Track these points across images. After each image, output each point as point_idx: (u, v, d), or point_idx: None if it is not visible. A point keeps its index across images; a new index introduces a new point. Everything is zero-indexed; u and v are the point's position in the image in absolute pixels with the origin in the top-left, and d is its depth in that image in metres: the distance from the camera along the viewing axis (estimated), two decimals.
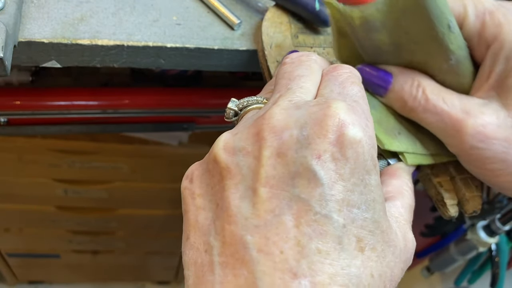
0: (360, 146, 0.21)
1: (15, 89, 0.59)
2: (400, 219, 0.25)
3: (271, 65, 0.37)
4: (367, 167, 0.22)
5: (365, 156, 0.22)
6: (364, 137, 0.22)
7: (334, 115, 0.22)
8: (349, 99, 0.24)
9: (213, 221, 0.22)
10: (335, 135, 0.21)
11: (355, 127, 0.22)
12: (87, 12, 0.40)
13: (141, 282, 1.36)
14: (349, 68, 0.26)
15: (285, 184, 0.21)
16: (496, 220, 0.80)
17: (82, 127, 0.63)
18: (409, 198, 0.28)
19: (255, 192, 0.21)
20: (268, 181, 0.21)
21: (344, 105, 0.22)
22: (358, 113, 0.23)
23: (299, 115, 0.22)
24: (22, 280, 1.26)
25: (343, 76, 0.25)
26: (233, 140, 0.23)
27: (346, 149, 0.21)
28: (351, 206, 0.21)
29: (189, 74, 0.65)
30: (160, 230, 1.06)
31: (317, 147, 0.21)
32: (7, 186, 0.85)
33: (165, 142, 0.78)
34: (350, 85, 0.25)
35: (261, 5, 0.44)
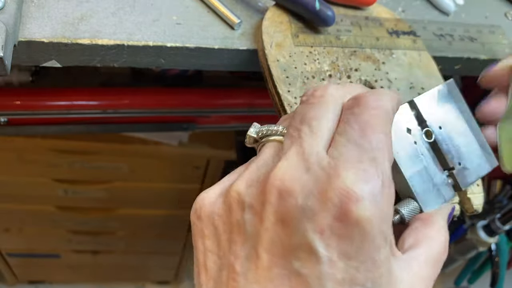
0: (368, 224, 0.20)
1: (15, 89, 0.59)
2: (416, 277, 0.23)
3: (272, 65, 0.37)
4: (376, 244, 0.20)
5: (374, 233, 0.20)
6: (373, 213, 0.20)
7: (341, 187, 0.20)
8: (366, 155, 0.21)
9: (220, 269, 0.22)
10: (341, 210, 0.20)
11: (363, 202, 0.20)
12: (87, 11, 0.40)
13: (141, 282, 1.36)
14: (375, 99, 0.23)
15: (287, 254, 0.20)
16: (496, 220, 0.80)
17: (82, 127, 0.63)
18: (438, 248, 0.25)
19: (258, 256, 0.21)
20: (271, 248, 0.21)
21: (355, 174, 0.20)
22: (371, 179, 0.21)
23: (306, 179, 0.21)
24: (22, 280, 1.26)
25: (365, 116, 0.22)
26: (246, 194, 0.23)
27: (352, 227, 0.20)
28: (354, 284, 0.20)
29: (189, 74, 0.65)
30: (160, 230, 1.06)
31: (320, 220, 0.20)
32: (7, 186, 0.85)
33: (165, 142, 0.78)
34: (372, 133, 0.22)
35: (261, 4, 0.44)
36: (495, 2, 0.55)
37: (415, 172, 0.28)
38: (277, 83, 0.36)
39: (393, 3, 0.49)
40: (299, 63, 0.38)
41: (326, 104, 0.24)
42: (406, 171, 0.27)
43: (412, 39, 0.43)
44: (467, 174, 0.30)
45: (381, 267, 0.20)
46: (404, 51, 0.42)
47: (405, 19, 0.46)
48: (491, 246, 0.84)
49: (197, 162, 0.84)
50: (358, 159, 0.21)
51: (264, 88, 0.39)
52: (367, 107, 0.23)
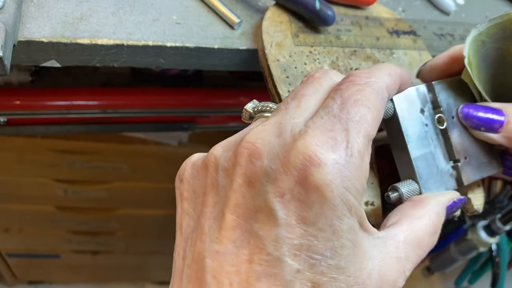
0: (329, 190, 0.20)
1: (14, 89, 0.59)
2: (389, 256, 0.22)
3: (272, 64, 0.37)
4: (337, 212, 0.20)
5: (334, 200, 0.20)
6: (334, 180, 0.20)
7: (304, 151, 0.20)
8: (340, 125, 0.21)
9: (192, 231, 0.23)
10: (302, 175, 0.20)
11: (324, 168, 0.20)
12: (87, 11, 0.39)
13: (141, 282, 1.36)
14: (366, 75, 0.23)
15: (249, 216, 0.20)
16: (496, 220, 0.79)
17: (82, 127, 0.63)
18: (422, 229, 0.24)
19: (223, 217, 0.21)
20: (236, 209, 0.21)
21: (318, 139, 0.20)
22: (338, 147, 0.20)
23: (275, 144, 0.21)
24: (21, 280, 1.25)
25: (350, 90, 0.22)
26: (221, 157, 0.23)
27: (311, 192, 0.20)
28: (312, 252, 0.19)
29: (189, 74, 0.65)
30: (160, 230, 1.06)
31: (281, 184, 0.20)
32: (7, 186, 0.85)
33: (165, 142, 0.78)
34: (352, 104, 0.22)
35: (261, 4, 0.44)
36: (495, 1, 0.55)
37: (421, 154, 0.27)
38: (277, 83, 0.36)
39: (394, 3, 0.49)
40: (299, 63, 0.38)
41: (320, 84, 0.24)
42: (413, 151, 0.27)
43: (412, 38, 0.43)
44: (471, 170, 0.29)
45: (342, 237, 0.20)
46: (404, 51, 0.42)
47: (405, 19, 0.46)
48: (492, 247, 0.84)
49: None
50: (330, 128, 0.21)
51: (264, 88, 0.38)
52: (355, 82, 0.23)
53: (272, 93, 0.37)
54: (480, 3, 0.53)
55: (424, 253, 0.24)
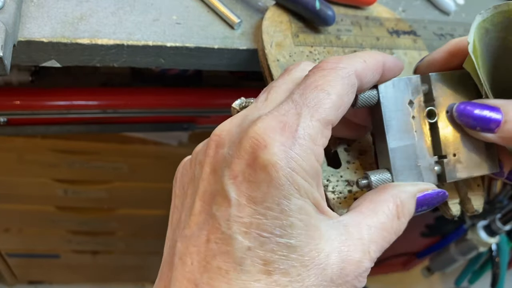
0: (274, 170, 0.20)
1: (14, 89, 0.59)
2: (351, 237, 0.23)
3: (272, 64, 0.37)
4: (284, 192, 0.21)
5: (280, 180, 0.20)
6: (280, 160, 0.21)
7: (253, 135, 0.21)
8: (294, 110, 0.22)
9: (176, 223, 0.25)
10: (251, 157, 0.21)
11: (270, 148, 0.21)
12: (87, 11, 0.39)
13: (141, 282, 1.36)
14: (334, 61, 0.24)
15: (211, 200, 0.22)
16: (496, 220, 0.80)
17: (82, 127, 0.63)
18: (383, 214, 0.24)
19: (193, 204, 0.23)
20: (203, 195, 0.22)
21: (267, 123, 0.21)
22: (286, 130, 0.21)
23: (235, 132, 0.23)
24: (21, 280, 1.25)
25: (314, 76, 0.23)
26: (199, 151, 0.25)
27: (259, 172, 0.21)
28: (261, 230, 0.20)
29: (189, 74, 0.65)
30: (160, 230, 1.06)
31: (235, 167, 0.21)
32: (7, 186, 0.85)
33: (165, 142, 0.78)
34: (312, 90, 0.22)
35: (261, 4, 0.44)
36: (495, 1, 0.55)
37: (400, 145, 0.27)
38: None
39: (394, 3, 0.49)
40: None
41: (290, 75, 0.25)
42: (391, 142, 0.27)
43: (412, 38, 0.43)
44: (459, 168, 0.28)
45: (291, 216, 0.21)
46: (404, 51, 0.42)
47: (405, 19, 0.46)
48: (492, 246, 0.84)
49: None
50: (283, 113, 0.22)
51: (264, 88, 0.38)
52: (321, 68, 0.23)
53: None
54: (480, 3, 0.53)
55: (390, 235, 0.24)
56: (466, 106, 0.27)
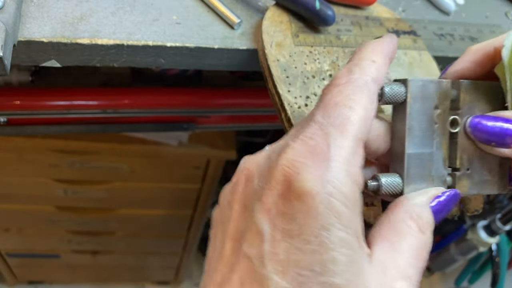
0: (309, 198, 0.18)
1: (14, 89, 0.59)
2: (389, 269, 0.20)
3: (272, 64, 0.37)
4: (323, 221, 0.18)
5: (318, 209, 0.18)
6: (315, 186, 0.19)
7: (283, 163, 0.19)
8: (321, 131, 0.20)
9: (208, 269, 0.23)
10: (283, 187, 0.19)
11: (303, 175, 0.19)
12: (87, 11, 0.39)
13: (141, 282, 1.36)
14: (345, 73, 0.22)
15: (242, 238, 0.20)
16: (496, 220, 0.80)
17: (82, 127, 0.63)
18: (409, 237, 0.22)
19: (223, 246, 0.21)
20: (234, 235, 0.21)
21: (296, 149, 0.20)
22: (318, 153, 0.19)
23: (263, 163, 0.21)
24: (21, 280, 1.25)
25: (331, 93, 0.21)
26: (227, 191, 0.23)
27: (293, 202, 0.19)
28: (300, 268, 0.18)
29: (189, 74, 0.65)
30: (160, 230, 1.06)
31: (266, 200, 0.20)
32: (7, 186, 0.85)
33: (165, 142, 0.78)
34: (333, 108, 0.21)
35: (261, 4, 0.44)
36: (496, 1, 0.55)
37: (418, 152, 0.25)
38: (277, 83, 0.36)
39: (394, 3, 0.49)
40: (299, 62, 0.38)
41: None
42: (409, 146, 0.25)
43: (412, 38, 0.43)
44: (470, 184, 0.27)
45: (333, 250, 0.18)
46: (404, 50, 0.42)
47: (405, 19, 0.46)
48: (492, 246, 0.84)
49: (197, 162, 0.84)
50: (310, 136, 0.20)
51: (264, 88, 0.38)
52: (335, 84, 0.22)
53: (272, 93, 0.37)
54: (480, 3, 0.53)
55: (422, 253, 0.22)
56: (481, 120, 0.25)
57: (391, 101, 0.25)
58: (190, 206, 0.97)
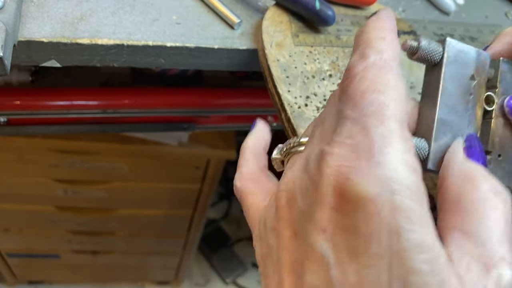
0: (369, 203, 0.16)
1: (14, 89, 0.59)
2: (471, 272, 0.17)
3: (272, 64, 0.37)
4: (391, 227, 0.15)
5: (381, 214, 0.15)
6: (372, 189, 0.16)
7: (329, 172, 0.17)
8: (357, 126, 0.17)
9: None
10: (335, 199, 0.17)
11: (354, 179, 0.16)
12: (87, 11, 0.39)
13: (141, 282, 1.36)
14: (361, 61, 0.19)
15: (301, 269, 0.17)
16: None
17: (82, 127, 0.63)
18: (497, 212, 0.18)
19: (281, 281, 0.18)
20: (290, 267, 0.18)
21: (337, 154, 0.17)
22: (362, 150, 0.17)
23: (303, 178, 0.18)
24: (21, 280, 1.25)
25: (352, 84, 0.18)
26: (266, 217, 0.21)
27: (351, 213, 0.16)
28: (377, 287, 0.15)
29: (189, 74, 0.65)
30: (160, 230, 1.06)
31: (319, 218, 0.17)
32: (7, 186, 0.85)
33: (165, 142, 0.78)
34: (360, 98, 0.18)
35: (261, 4, 0.44)
36: (496, 1, 0.55)
37: (449, 119, 0.22)
38: (277, 83, 0.36)
39: (394, 3, 0.49)
40: (299, 62, 0.38)
41: (334, 96, 0.21)
42: (441, 111, 0.22)
43: (412, 38, 0.43)
44: (499, 173, 0.24)
45: (409, 259, 0.15)
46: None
47: (405, 19, 0.46)
48: None
49: (197, 162, 0.84)
50: (347, 135, 0.17)
51: (264, 88, 0.39)
52: (353, 73, 0.19)
53: (272, 93, 0.37)
54: (480, 3, 0.53)
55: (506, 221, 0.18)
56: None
57: (426, 57, 0.23)
58: (190, 206, 0.97)
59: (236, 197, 0.26)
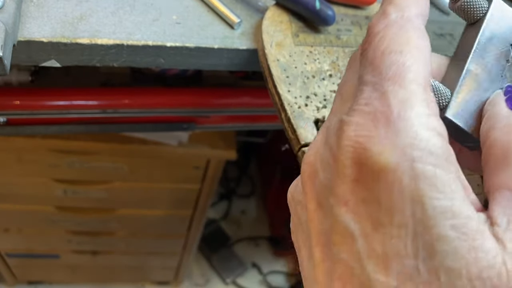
0: (389, 173, 0.15)
1: (14, 89, 0.59)
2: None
3: (272, 64, 0.37)
4: (414, 195, 0.15)
5: (402, 183, 0.15)
6: (390, 156, 0.15)
7: (345, 143, 0.16)
8: (376, 93, 0.17)
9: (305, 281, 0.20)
10: (354, 170, 0.16)
11: (372, 149, 0.16)
12: (86, 11, 0.39)
13: (141, 282, 1.35)
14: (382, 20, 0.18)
15: (329, 241, 0.17)
16: None
17: (82, 127, 0.63)
18: None
19: (312, 254, 0.18)
20: (319, 239, 0.18)
21: (355, 123, 0.16)
22: (380, 118, 0.16)
23: (323, 151, 0.18)
24: (21, 281, 1.25)
25: (372, 46, 0.18)
26: (293, 190, 0.21)
27: (372, 183, 0.16)
28: (402, 258, 0.15)
29: (189, 74, 0.65)
30: (160, 230, 1.06)
31: (341, 191, 0.17)
32: (7, 186, 0.85)
33: (165, 142, 0.78)
34: (380, 61, 0.17)
35: (261, 4, 0.44)
36: None
37: (479, 75, 0.21)
38: (277, 82, 0.36)
39: None
40: (299, 62, 0.38)
41: (355, 61, 0.20)
42: (472, 63, 0.21)
43: None
44: None
45: (434, 226, 0.15)
46: None
47: None
48: None
49: (197, 162, 0.84)
50: (365, 102, 0.17)
51: (264, 88, 0.38)
52: (374, 33, 0.18)
53: (272, 93, 0.37)
54: None
55: None
56: None
57: (467, 8, 0.22)
58: (190, 206, 0.97)
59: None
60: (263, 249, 1.47)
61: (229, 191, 1.47)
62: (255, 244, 1.47)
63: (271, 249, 1.46)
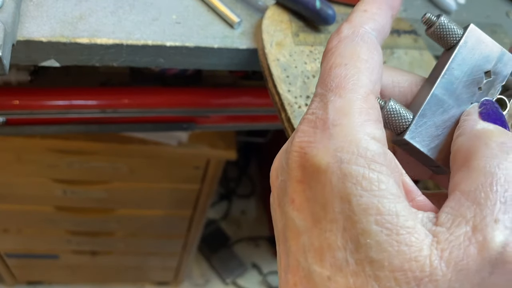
0: (322, 173, 0.17)
1: (13, 88, 0.59)
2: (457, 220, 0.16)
3: (272, 64, 0.37)
4: (341, 193, 0.16)
5: (332, 182, 0.17)
6: (324, 160, 0.17)
7: (293, 149, 0.18)
8: (322, 102, 0.18)
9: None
10: (298, 172, 0.18)
11: (309, 152, 0.18)
12: (86, 10, 0.39)
13: (140, 282, 1.35)
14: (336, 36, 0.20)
15: (285, 238, 0.19)
16: None
17: (81, 127, 0.63)
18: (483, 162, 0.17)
19: (278, 249, 0.20)
20: (279, 236, 0.20)
21: (301, 131, 0.18)
22: (318, 125, 0.18)
23: (283, 156, 0.20)
24: (20, 281, 1.25)
25: (325, 60, 0.19)
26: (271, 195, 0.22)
27: (311, 183, 0.17)
28: (334, 250, 0.16)
29: (188, 73, 0.65)
30: (159, 230, 1.06)
31: (290, 190, 0.18)
32: (6, 186, 0.85)
33: (165, 142, 0.77)
34: (328, 73, 0.19)
35: (262, 3, 0.44)
36: (497, 1, 0.55)
37: (445, 101, 0.21)
38: (277, 82, 0.36)
39: None
40: (299, 62, 0.38)
41: None
42: (440, 88, 0.21)
43: (413, 38, 0.43)
44: None
45: (358, 222, 0.16)
46: (405, 50, 0.42)
47: (406, 18, 0.46)
48: None
49: (197, 162, 0.84)
50: (311, 112, 0.19)
51: (264, 87, 0.38)
52: (327, 49, 0.20)
53: (272, 93, 0.37)
54: (480, 3, 0.53)
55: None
56: None
57: (441, 34, 0.22)
58: (190, 206, 0.97)
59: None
60: (263, 249, 1.46)
61: (229, 191, 1.47)
62: (255, 245, 1.47)
63: (271, 249, 1.46)
